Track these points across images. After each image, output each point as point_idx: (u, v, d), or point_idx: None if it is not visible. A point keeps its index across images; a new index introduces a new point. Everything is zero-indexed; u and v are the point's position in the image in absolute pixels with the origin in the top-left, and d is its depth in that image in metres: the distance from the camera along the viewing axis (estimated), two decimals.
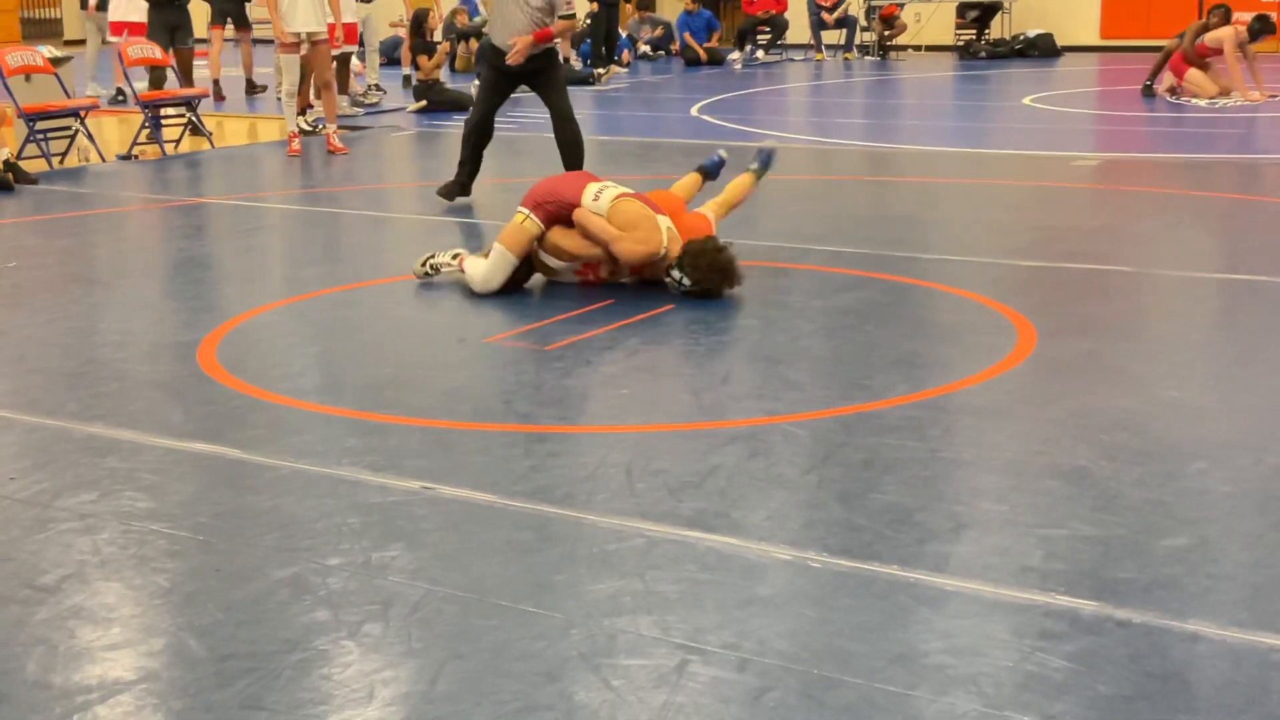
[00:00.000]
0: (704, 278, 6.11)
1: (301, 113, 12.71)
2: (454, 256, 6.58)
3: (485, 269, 6.38)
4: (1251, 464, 4.05)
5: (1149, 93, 14.82)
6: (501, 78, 8.59)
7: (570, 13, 8.34)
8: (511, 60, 8.16)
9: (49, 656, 3.03)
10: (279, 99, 11.95)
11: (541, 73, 8.46)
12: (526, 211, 6.35)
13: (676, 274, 6.14)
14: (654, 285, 6.34)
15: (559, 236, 6.36)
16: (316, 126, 12.44)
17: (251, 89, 15.96)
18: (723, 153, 7.41)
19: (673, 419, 4.60)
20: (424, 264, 6.60)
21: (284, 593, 3.32)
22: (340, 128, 13.12)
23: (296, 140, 11.54)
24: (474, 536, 3.64)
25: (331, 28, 11.59)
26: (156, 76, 13.07)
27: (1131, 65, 19.28)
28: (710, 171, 7.28)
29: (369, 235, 8.38)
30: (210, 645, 3.06)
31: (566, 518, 3.74)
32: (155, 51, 12.52)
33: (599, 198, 6.28)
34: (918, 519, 3.69)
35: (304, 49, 11.12)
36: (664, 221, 6.29)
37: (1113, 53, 21.25)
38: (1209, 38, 14.07)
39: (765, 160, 7.26)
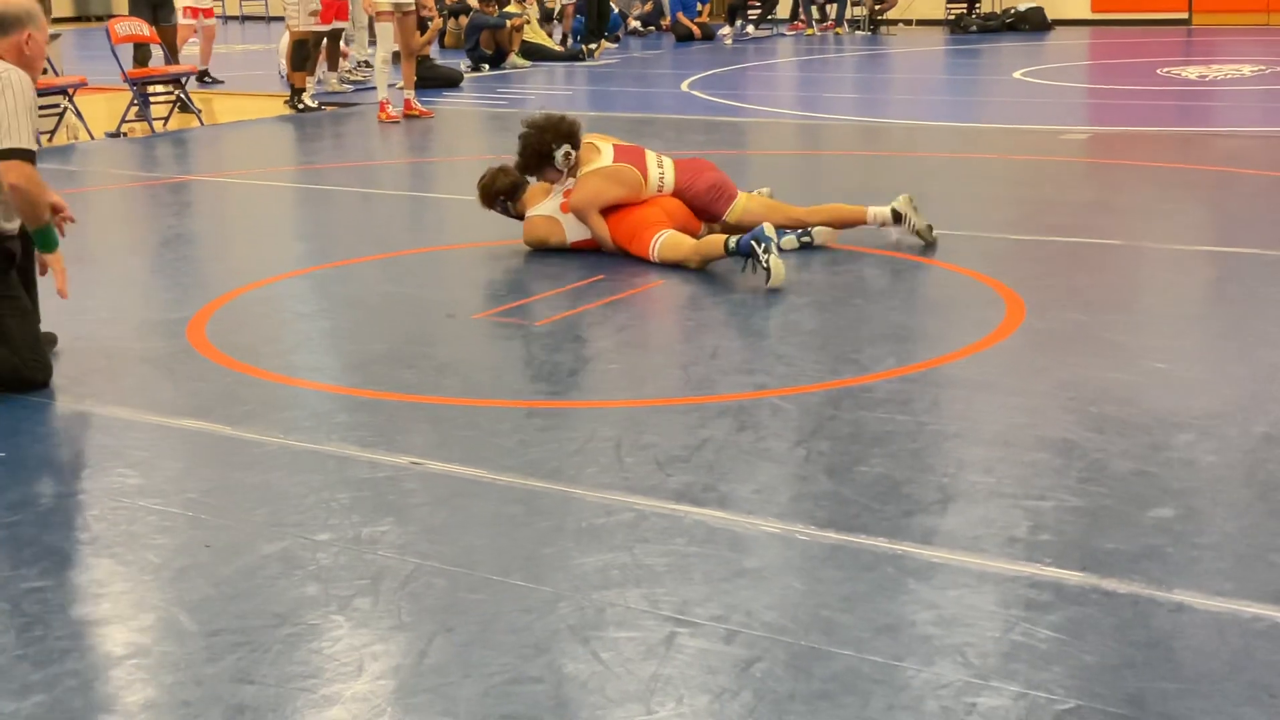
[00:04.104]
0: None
1: (302, 89, 12.67)
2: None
3: None
4: (1238, 435, 4.07)
5: None
6: None
7: None
8: None
9: (39, 633, 3.04)
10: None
11: None
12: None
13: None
14: (643, 261, 6.34)
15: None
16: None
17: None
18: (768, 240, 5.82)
19: (661, 394, 4.61)
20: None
21: (274, 567, 3.33)
22: (330, 105, 13.13)
23: (390, 107, 11.99)
24: (463, 511, 3.66)
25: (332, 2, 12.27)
26: (142, 54, 13.01)
27: (1122, 39, 19.27)
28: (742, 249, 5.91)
29: (358, 212, 8.37)
30: (200, 620, 3.07)
31: (555, 492, 3.75)
32: (143, 28, 12.47)
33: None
34: (905, 491, 3.70)
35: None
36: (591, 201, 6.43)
37: (1104, 26, 21.22)
38: None
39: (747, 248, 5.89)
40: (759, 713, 2.66)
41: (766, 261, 5.72)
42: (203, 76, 15.10)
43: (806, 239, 6.58)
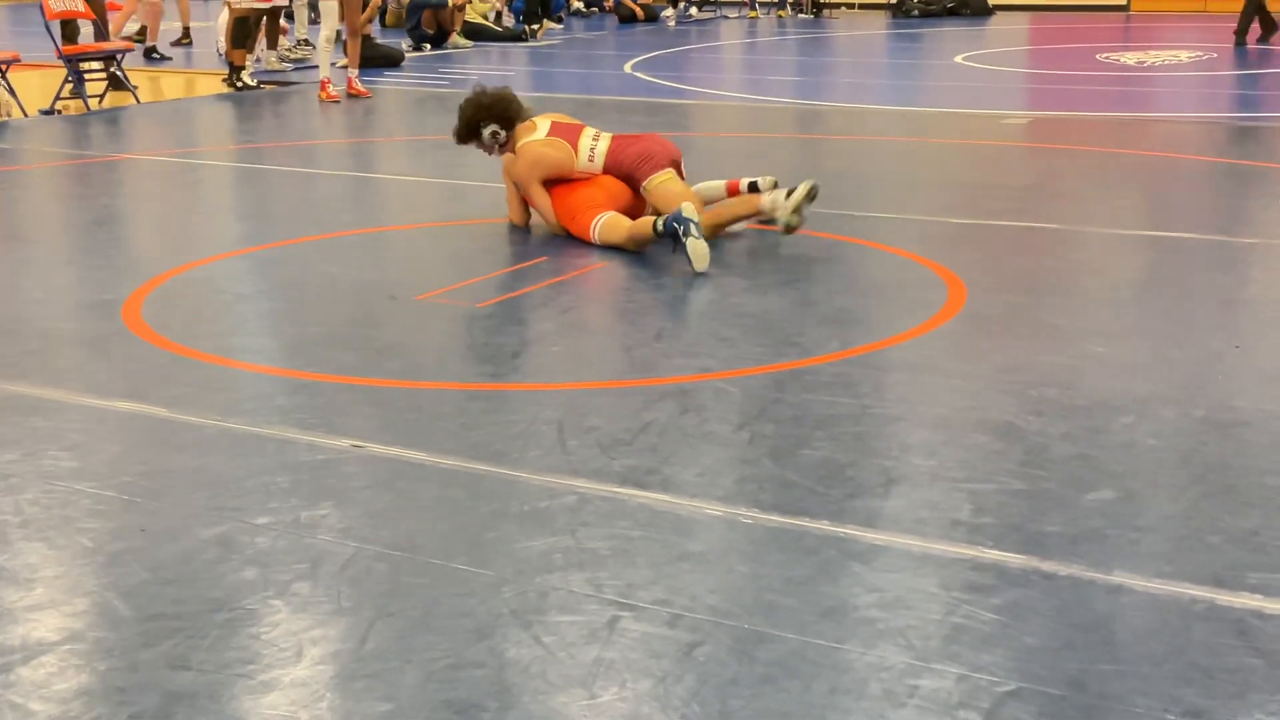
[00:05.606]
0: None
1: (241, 67, 12.53)
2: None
3: None
4: (1177, 418, 4.10)
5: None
6: None
7: None
8: None
9: None
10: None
11: None
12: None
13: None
14: (585, 243, 6.31)
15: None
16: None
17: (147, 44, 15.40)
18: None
19: (605, 376, 4.59)
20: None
21: (211, 552, 3.28)
22: (269, 83, 12.99)
23: (330, 86, 11.92)
24: (404, 494, 3.62)
25: None
26: (70, 30, 12.78)
27: (1062, 25, 19.41)
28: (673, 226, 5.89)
29: (297, 191, 8.28)
30: (136, 605, 3.02)
31: (498, 475, 3.72)
32: (78, 4, 12.26)
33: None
34: (848, 474, 3.70)
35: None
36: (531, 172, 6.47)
37: (1044, 12, 21.37)
38: None
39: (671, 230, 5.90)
40: (702, 696, 2.65)
41: (686, 244, 5.73)
42: (150, 53, 14.94)
43: None
